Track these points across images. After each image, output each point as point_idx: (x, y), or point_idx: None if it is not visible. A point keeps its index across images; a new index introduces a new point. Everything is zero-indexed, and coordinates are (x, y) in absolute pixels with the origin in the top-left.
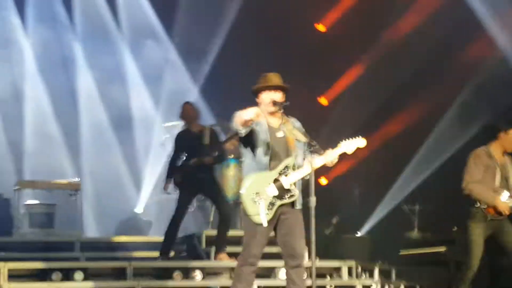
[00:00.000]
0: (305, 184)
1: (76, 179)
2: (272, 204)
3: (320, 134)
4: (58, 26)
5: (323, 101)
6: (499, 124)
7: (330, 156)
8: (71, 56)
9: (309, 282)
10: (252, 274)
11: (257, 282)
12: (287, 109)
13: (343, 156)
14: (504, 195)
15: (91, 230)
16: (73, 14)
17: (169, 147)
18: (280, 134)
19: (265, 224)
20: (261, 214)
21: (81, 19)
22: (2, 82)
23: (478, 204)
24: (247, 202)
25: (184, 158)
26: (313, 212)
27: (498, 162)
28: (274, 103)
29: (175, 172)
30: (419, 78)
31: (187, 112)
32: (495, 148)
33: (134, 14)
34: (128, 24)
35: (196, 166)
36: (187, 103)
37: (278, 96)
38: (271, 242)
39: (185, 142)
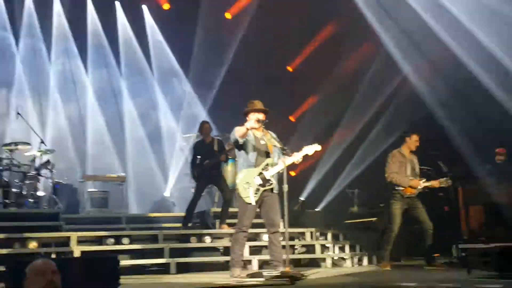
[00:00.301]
0: (280, 176)
1: (123, 174)
2: (257, 190)
3: (290, 142)
4: (109, 68)
5: (292, 118)
6: (404, 132)
7: (296, 157)
8: (118, 89)
9: (283, 243)
10: (244, 238)
11: (248, 243)
12: (267, 124)
13: (306, 156)
14: (415, 180)
15: (133, 209)
16: (120, 59)
17: (186, 152)
18: (262, 142)
19: (253, 204)
20: (250, 197)
21: (125, 63)
22: (72, 108)
23: (397, 188)
24: (241, 188)
25: (199, 160)
26: (286, 195)
27: (408, 158)
28: (258, 120)
29: (194, 170)
30: (357, 103)
31: (205, 128)
32: (404, 149)
33: (161, 59)
34: (157, 66)
35: (209, 166)
36: (205, 121)
37: (261, 116)
38: (257, 216)
39: (201, 149)
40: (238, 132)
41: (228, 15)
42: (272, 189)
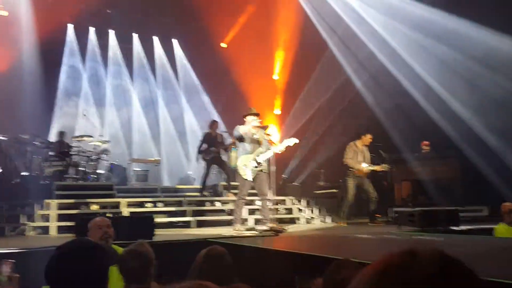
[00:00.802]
0: (269, 160)
1: (158, 158)
2: (252, 170)
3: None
4: (149, 83)
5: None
6: (362, 131)
7: (280, 147)
8: (155, 97)
9: (270, 206)
10: (243, 203)
11: (246, 207)
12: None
13: (287, 147)
14: (364, 164)
15: (165, 182)
16: (156, 76)
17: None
18: (255, 136)
19: (250, 179)
20: (247, 175)
21: (159, 78)
22: (122, 110)
23: (351, 169)
24: (240, 168)
25: (206, 147)
26: (272, 173)
27: (360, 149)
28: (257, 121)
29: (203, 153)
30: (325, 107)
31: (213, 124)
32: (359, 142)
33: (186, 76)
34: (183, 81)
35: (215, 152)
36: (214, 120)
37: (257, 118)
38: (252, 188)
39: (209, 139)
40: (242, 130)
41: (223, 45)
42: (262, 170)
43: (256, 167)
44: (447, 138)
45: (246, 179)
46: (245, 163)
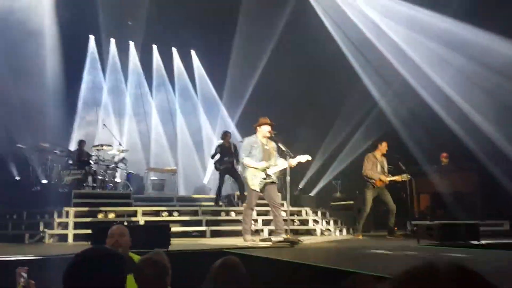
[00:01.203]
0: (284, 171)
1: (175, 167)
2: (261, 181)
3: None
4: (167, 93)
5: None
6: (376, 141)
7: (293, 162)
8: (173, 108)
9: (286, 217)
10: (251, 213)
11: (261, 217)
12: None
13: (299, 163)
14: (383, 176)
15: (181, 191)
16: (175, 87)
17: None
18: (266, 147)
19: (257, 190)
20: (255, 185)
21: (178, 90)
22: (141, 120)
23: (370, 180)
24: (249, 179)
25: (219, 157)
26: (288, 184)
27: (379, 160)
28: (269, 132)
29: (216, 163)
30: (342, 119)
31: (226, 136)
32: (377, 153)
33: (203, 88)
34: (200, 93)
35: (228, 162)
36: (227, 131)
37: (269, 128)
38: (261, 198)
39: (223, 150)
40: (252, 140)
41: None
42: (272, 182)
43: (265, 179)
44: (467, 150)
45: (254, 190)
46: (254, 174)
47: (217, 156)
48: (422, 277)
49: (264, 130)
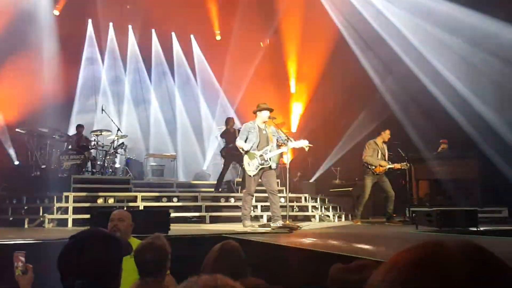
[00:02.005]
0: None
1: (174, 153)
2: (257, 167)
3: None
4: (166, 79)
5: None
6: (379, 128)
7: (292, 145)
8: (173, 94)
9: (285, 204)
10: (251, 199)
11: (260, 203)
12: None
13: (300, 148)
14: (383, 162)
15: (181, 177)
16: (174, 73)
17: (219, 138)
18: (264, 132)
19: (253, 176)
20: (251, 171)
21: (177, 75)
22: (140, 106)
23: (370, 167)
24: (246, 165)
25: (225, 144)
26: (288, 170)
27: (380, 147)
28: (268, 117)
29: (222, 151)
30: (341, 108)
31: (230, 121)
32: (378, 140)
33: (203, 73)
34: (200, 78)
35: (234, 148)
36: (230, 117)
37: (269, 113)
38: (260, 184)
39: (227, 137)
40: (250, 126)
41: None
42: (270, 167)
43: (261, 164)
44: (467, 137)
45: (249, 176)
46: (250, 159)
47: (222, 143)
48: (432, 254)
49: (264, 115)
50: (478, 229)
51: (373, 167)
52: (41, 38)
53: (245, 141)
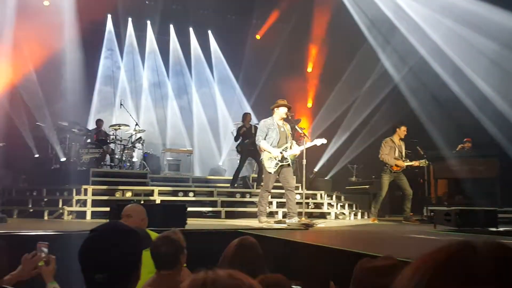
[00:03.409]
0: (301, 154)
1: (190, 148)
2: (276, 164)
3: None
4: (184, 74)
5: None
6: (395, 124)
7: (308, 145)
8: (190, 89)
9: (301, 200)
10: (268, 196)
11: (276, 200)
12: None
13: (315, 146)
14: (400, 162)
15: (197, 172)
16: (191, 68)
17: (235, 133)
18: (282, 129)
19: (272, 173)
20: (271, 168)
21: (194, 70)
22: (157, 101)
23: (387, 165)
24: (265, 161)
25: (241, 140)
26: (304, 166)
27: (397, 144)
28: (286, 114)
29: (238, 147)
30: (359, 102)
31: (247, 117)
32: (395, 137)
33: (219, 69)
34: (217, 73)
35: (250, 144)
36: (247, 113)
37: (287, 110)
38: (277, 181)
39: (244, 132)
40: (268, 123)
41: (258, 37)
42: (288, 164)
43: (281, 161)
44: (488, 135)
45: (269, 173)
46: (270, 156)
47: (239, 139)
48: (460, 254)
49: (281, 112)
50: (498, 229)
51: (390, 165)
52: (62, 33)
53: (265, 138)
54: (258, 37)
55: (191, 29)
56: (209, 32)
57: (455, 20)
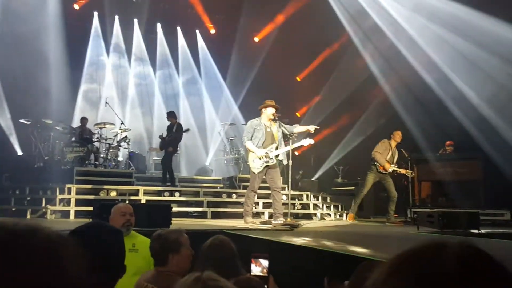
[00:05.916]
0: (286, 154)
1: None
2: (262, 164)
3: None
4: (170, 73)
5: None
6: (383, 127)
7: (295, 145)
8: (177, 89)
9: (287, 201)
10: (254, 196)
11: (262, 200)
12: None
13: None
14: (388, 165)
15: (183, 172)
16: (178, 68)
17: (222, 134)
18: (268, 130)
19: (257, 173)
20: (256, 168)
21: (181, 69)
22: (143, 100)
23: (376, 163)
24: (250, 161)
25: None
26: (290, 168)
27: (392, 148)
28: (273, 114)
29: None
30: (344, 106)
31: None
32: (392, 141)
33: (207, 69)
34: (204, 74)
35: None
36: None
37: (274, 111)
38: (264, 181)
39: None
40: (255, 123)
41: (256, 39)
42: (274, 165)
43: (266, 162)
44: (471, 138)
45: (254, 173)
46: (255, 157)
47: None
48: (432, 254)
49: (269, 112)
50: (480, 231)
51: (378, 164)
52: (47, 29)
53: (251, 139)
54: (256, 39)
55: (178, 28)
56: (197, 31)
57: (441, 24)
